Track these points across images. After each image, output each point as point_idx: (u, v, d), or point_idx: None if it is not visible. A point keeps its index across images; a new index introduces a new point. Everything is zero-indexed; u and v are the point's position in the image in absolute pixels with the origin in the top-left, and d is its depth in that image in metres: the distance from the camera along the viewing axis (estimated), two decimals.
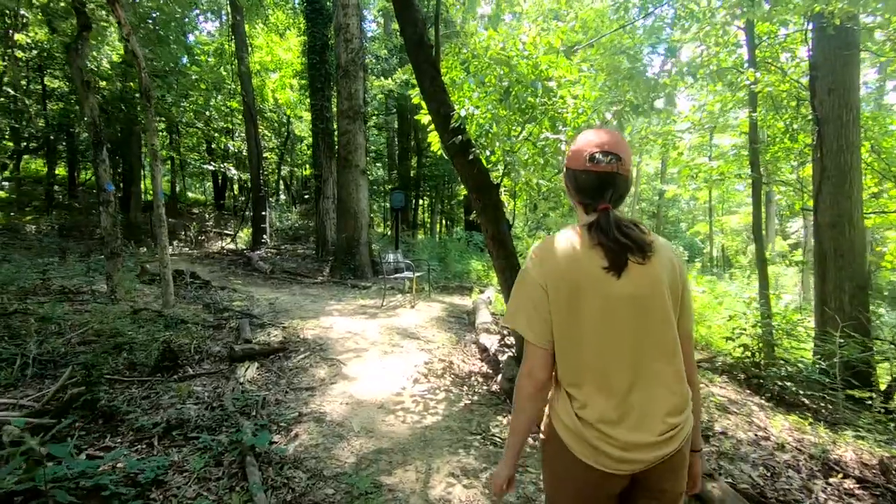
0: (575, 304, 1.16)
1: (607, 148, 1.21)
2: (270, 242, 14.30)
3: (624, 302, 1.15)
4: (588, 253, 1.18)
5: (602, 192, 1.21)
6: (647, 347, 1.17)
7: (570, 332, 1.18)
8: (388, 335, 5.49)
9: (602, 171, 1.20)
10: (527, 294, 1.23)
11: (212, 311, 6.00)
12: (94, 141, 6.34)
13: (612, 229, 1.17)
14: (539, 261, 1.23)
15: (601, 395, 1.16)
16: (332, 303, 7.21)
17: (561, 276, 1.18)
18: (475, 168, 4.25)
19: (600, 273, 1.16)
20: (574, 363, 1.19)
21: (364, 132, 10.04)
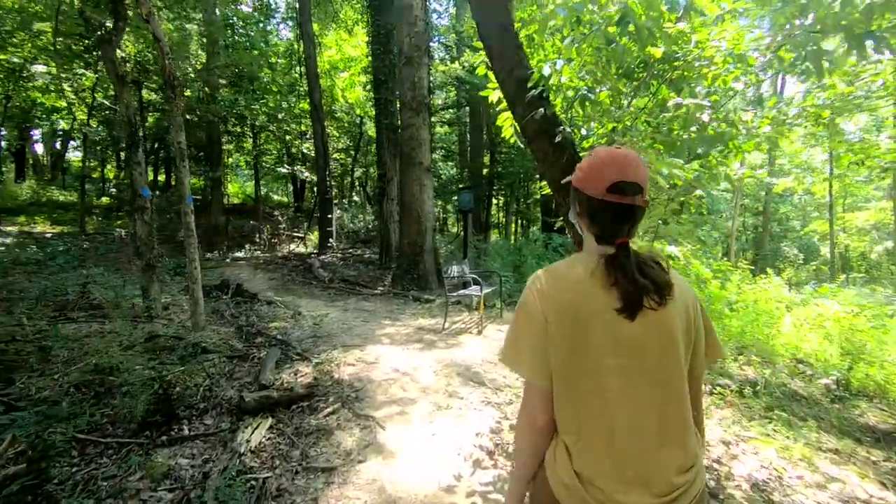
0: (580, 343, 1.02)
1: (631, 178, 1.05)
2: (339, 245, 13.61)
3: (635, 347, 1.02)
4: (599, 289, 1.04)
5: (620, 226, 1.08)
6: (656, 398, 1.02)
7: (570, 375, 1.04)
8: (444, 377, 4.17)
9: (623, 204, 1.06)
10: (526, 330, 1.09)
11: (243, 335, 5.04)
12: (128, 141, 5.63)
13: (633, 269, 1.03)
14: (541, 291, 1.08)
15: (603, 448, 1.01)
16: (385, 323, 6.04)
17: (566, 310, 1.04)
18: (564, 155, 2.81)
19: (611, 313, 1.02)
20: (573, 410, 1.04)
21: (429, 126, 8.83)
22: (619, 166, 1.07)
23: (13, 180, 18.45)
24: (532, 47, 3.68)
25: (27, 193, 17.21)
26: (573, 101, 2.81)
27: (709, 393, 4.31)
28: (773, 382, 4.65)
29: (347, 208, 18.81)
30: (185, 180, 4.97)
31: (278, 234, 15.74)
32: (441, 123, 15.57)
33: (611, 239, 1.08)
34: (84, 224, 13.80)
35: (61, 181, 20.20)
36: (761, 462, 3.19)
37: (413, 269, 8.55)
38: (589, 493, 1.01)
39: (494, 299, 6.97)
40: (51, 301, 5.83)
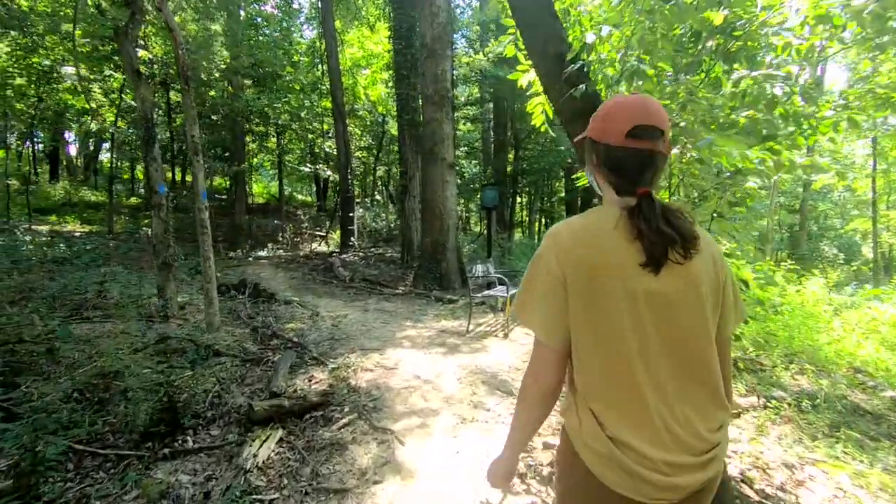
0: (602, 300, 0.94)
1: (652, 121, 0.98)
2: (360, 244, 13.42)
3: (661, 303, 0.94)
4: (621, 242, 0.96)
5: (641, 173, 1.00)
6: (685, 356, 0.96)
7: (593, 335, 0.96)
8: (469, 385, 3.83)
9: (643, 150, 0.98)
10: (540, 283, 1.00)
11: (258, 336, 4.80)
12: (144, 137, 5.47)
13: (658, 218, 0.95)
14: (558, 245, 0.99)
15: (635, 410, 0.94)
16: (406, 325, 5.73)
17: (585, 265, 0.95)
18: None
19: (635, 268, 0.94)
20: (599, 372, 0.97)
21: (451, 120, 8.49)
22: (637, 110, 0.99)
23: (47, 181, 18.90)
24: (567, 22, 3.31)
25: (60, 194, 17.58)
26: (620, 77, 2.43)
27: (763, 406, 3.87)
28: (832, 395, 4.17)
29: (369, 207, 18.63)
30: (198, 176, 4.76)
31: (301, 233, 15.65)
32: (464, 121, 15.20)
33: (632, 189, 1.00)
34: (112, 223, 13.95)
35: (93, 182, 20.64)
36: (834, 492, 2.77)
37: (435, 268, 8.24)
38: (627, 456, 0.94)
39: None
40: (68, 300, 5.72)
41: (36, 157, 19.98)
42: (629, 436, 0.94)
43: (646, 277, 0.94)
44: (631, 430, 0.94)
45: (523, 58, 3.50)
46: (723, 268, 1.04)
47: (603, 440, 0.95)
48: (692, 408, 0.97)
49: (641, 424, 0.94)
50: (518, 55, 3.49)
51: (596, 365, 0.97)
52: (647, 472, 0.92)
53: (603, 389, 0.97)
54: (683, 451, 0.94)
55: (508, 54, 3.54)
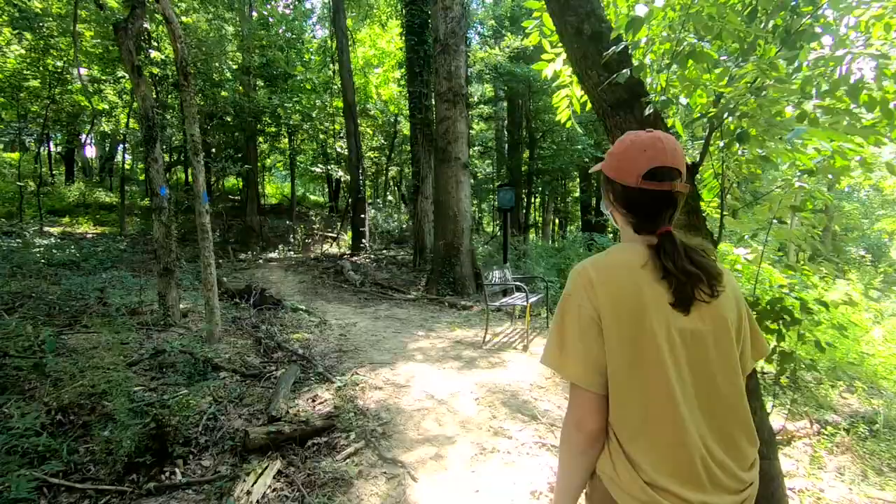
0: (638, 340, 0.92)
1: (668, 162, 0.97)
2: (372, 246, 13.11)
3: (693, 341, 0.93)
4: (652, 281, 0.94)
5: (660, 213, 0.99)
6: (718, 394, 0.95)
7: (631, 375, 0.92)
8: (488, 407, 3.46)
9: (662, 192, 0.97)
10: (573, 325, 0.96)
11: (261, 348, 4.48)
12: (145, 136, 5.19)
13: (682, 257, 0.95)
14: (589, 284, 0.96)
15: (673, 452, 0.91)
16: (419, 334, 5.38)
17: (620, 304, 0.93)
18: None
19: (666, 306, 0.93)
20: (638, 414, 0.93)
21: (466, 118, 8.13)
22: (653, 151, 0.97)
23: (63, 183, 18.93)
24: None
25: (75, 195, 17.57)
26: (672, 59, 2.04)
27: (816, 433, 3.45)
28: (891, 417, 3.72)
29: (381, 208, 18.35)
30: (199, 177, 4.46)
31: (312, 234, 15.41)
32: (477, 119, 14.81)
33: (651, 228, 0.99)
34: (124, 225, 13.84)
35: (109, 183, 20.65)
36: None
37: (449, 271, 7.88)
38: (662, 497, 0.90)
39: (539, 308, 6.21)
40: (67, 307, 5.47)
41: (52, 158, 20.05)
42: (667, 480, 0.90)
43: (679, 315, 0.93)
44: (669, 474, 0.91)
45: (548, 46, 3.13)
46: (743, 302, 1.03)
47: (640, 486, 0.91)
48: (727, 447, 0.96)
49: (680, 466, 0.91)
50: (543, 43, 3.12)
51: (634, 406, 0.94)
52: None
53: (641, 432, 0.93)
54: (722, 491, 0.93)
55: (532, 42, 3.17)
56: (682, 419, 0.91)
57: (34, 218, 12.73)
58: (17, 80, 13.06)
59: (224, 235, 14.61)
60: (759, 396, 1.19)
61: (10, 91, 12.95)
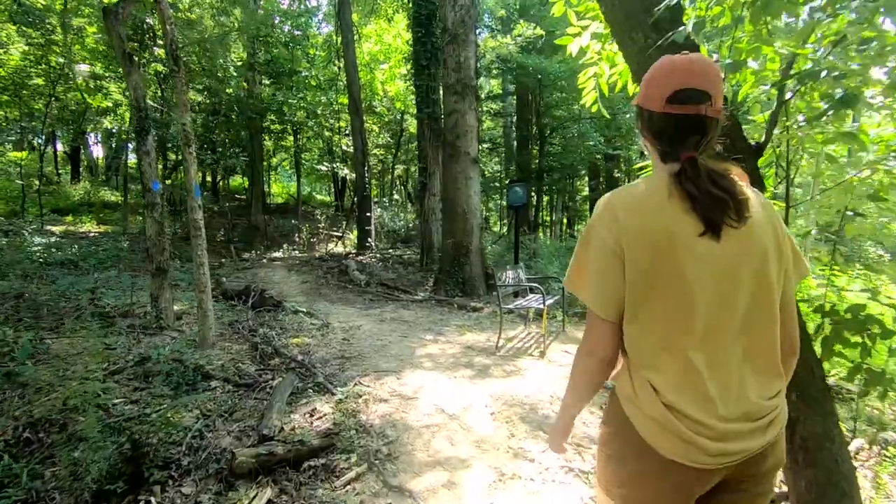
0: (663, 272, 0.90)
1: (695, 84, 0.92)
2: (379, 245, 12.76)
3: (725, 270, 0.90)
4: (678, 212, 0.91)
5: (684, 139, 0.94)
6: (749, 324, 0.93)
7: (652, 306, 0.92)
8: (505, 423, 3.09)
9: (686, 115, 0.92)
10: (594, 255, 0.96)
11: (258, 354, 4.13)
12: (137, 127, 4.87)
13: (703, 179, 0.90)
14: (612, 215, 0.94)
15: (694, 379, 0.91)
16: (427, 338, 5.01)
17: (643, 235, 0.91)
18: None
19: (695, 238, 0.90)
20: (659, 342, 0.93)
21: (476, 111, 7.75)
22: (680, 73, 0.94)
23: (69, 181, 18.76)
24: None
25: (80, 194, 17.38)
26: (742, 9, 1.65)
27: (877, 454, 3.05)
28: None
29: (388, 206, 18.00)
30: (190, 170, 4.12)
31: (317, 233, 15.10)
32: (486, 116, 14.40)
33: (676, 155, 0.95)
34: (127, 224, 13.58)
35: (115, 182, 20.46)
36: None
37: (457, 271, 7.51)
38: (683, 423, 0.90)
39: (555, 310, 5.81)
40: (57, 309, 5.16)
41: (58, 157, 19.90)
42: (685, 403, 0.91)
43: (708, 245, 0.90)
44: (688, 398, 0.91)
45: (574, 18, 2.77)
46: (781, 226, 0.99)
47: (659, 407, 0.92)
48: (751, 375, 0.94)
49: (698, 391, 0.91)
50: (569, 15, 2.77)
51: (656, 335, 0.93)
52: (701, 438, 0.89)
53: (661, 359, 0.93)
54: (739, 417, 0.91)
55: (557, 13, 2.81)
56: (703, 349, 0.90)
57: (37, 216, 12.49)
58: (21, 77, 12.85)
59: (228, 235, 14.32)
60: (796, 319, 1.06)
61: (12, 89, 12.72)
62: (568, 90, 12.05)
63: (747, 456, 0.92)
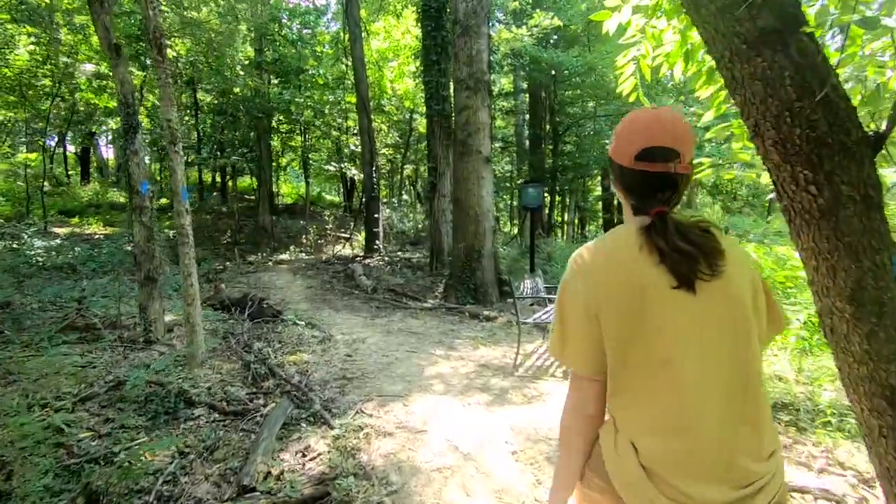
0: (639, 327, 0.87)
1: (663, 142, 0.91)
2: (387, 247, 12.34)
3: (702, 323, 0.87)
4: (651, 265, 0.88)
5: (652, 195, 0.93)
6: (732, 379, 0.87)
7: (632, 363, 0.88)
8: (529, 465, 2.62)
9: (654, 173, 0.92)
10: (571, 314, 0.94)
11: (250, 375, 3.71)
12: (125, 124, 4.48)
13: (671, 234, 0.88)
14: (586, 270, 0.93)
15: (674, 439, 0.86)
16: (437, 353, 4.57)
17: (618, 292, 0.88)
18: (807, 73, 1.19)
19: (667, 286, 0.86)
20: (636, 399, 0.89)
21: (488, 107, 7.28)
22: (648, 130, 0.92)
23: (78, 183, 18.61)
24: None
25: (89, 195, 17.20)
26: None
27: None
28: None
29: (396, 207, 17.59)
30: (177, 170, 3.71)
31: (325, 234, 14.72)
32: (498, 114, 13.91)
33: (645, 210, 0.93)
34: (132, 226, 13.32)
35: (124, 183, 20.30)
36: None
37: (469, 277, 7.05)
38: (659, 489, 0.85)
39: None
40: (42, 320, 4.80)
41: (67, 159, 19.77)
42: (663, 466, 0.86)
43: (686, 298, 0.86)
44: (666, 461, 0.86)
45: None
46: (758, 276, 0.95)
47: (637, 470, 0.87)
48: (743, 436, 0.87)
49: (679, 455, 0.85)
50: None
51: (634, 393, 0.89)
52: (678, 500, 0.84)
53: (642, 417, 0.89)
54: (723, 483, 0.84)
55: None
56: (685, 412, 0.86)
57: (42, 218, 12.25)
58: (28, 77, 12.64)
59: (235, 236, 14.01)
60: None
61: (18, 90, 12.50)
62: (583, 86, 11.53)
63: None
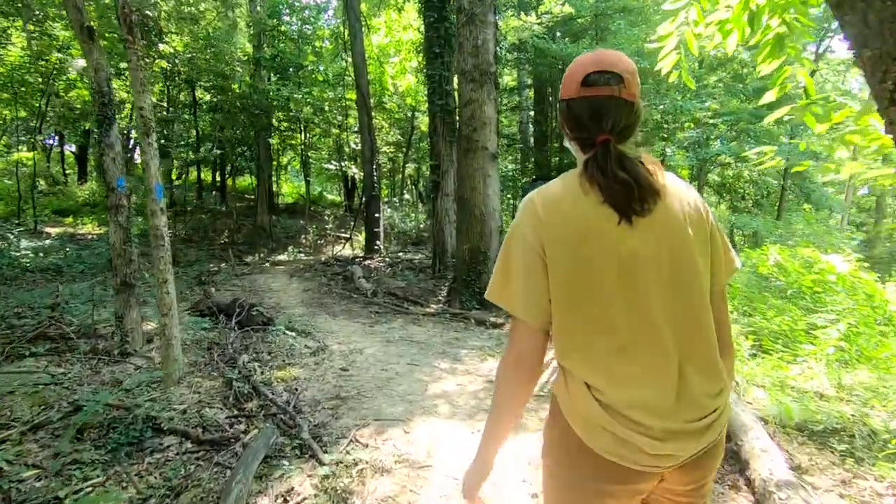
0: (583, 268, 0.88)
1: (606, 66, 0.91)
2: (388, 248, 11.90)
3: (645, 259, 0.87)
4: (597, 205, 0.88)
5: (599, 121, 0.91)
6: (678, 315, 0.88)
7: (578, 303, 0.88)
8: None
9: (598, 96, 0.91)
10: (517, 258, 0.93)
11: (233, 394, 3.28)
12: (99, 116, 4.06)
13: (611, 163, 0.87)
14: (532, 216, 0.92)
15: (626, 375, 0.87)
16: (442, 366, 4.14)
17: (562, 232, 0.89)
18: None
19: (610, 225, 0.87)
20: (586, 340, 0.89)
21: (495, 101, 6.84)
22: (590, 60, 0.93)
23: (76, 181, 18.21)
24: None
25: (86, 194, 16.81)
26: None
27: None
28: None
29: (398, 206, 17.16)
30: (150, 165, 3.28)
31: (325, 234, 14.30)
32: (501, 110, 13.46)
33: (592, 140, 0.92)
34: None
35: None
36: None
37: (474, 280, 6.61)
38: (621, 423, 0.86)
39: None
40: (14, 328, 4.38)
41: (65, 157, 19.40)
42: (623, 403, 0.87)
43: (627, 236, 0.86)
44: (623, 397, 0.87)
45: None
46: (709, 214, 0.95)
47: (593, 405, 0.88)
48: (690, 370, 0.88)
49: (636, 391, 0.86)
50: None
51: (585, 337, 0.89)
52: (639, 438, 0.85)
53: (593, 360, 0.89)
54: (680, 417, 0.87)
55: None
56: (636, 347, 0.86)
57: (36, 218, 11.85)
58: (21, 73, 12.25)
59: (232, 236, 13.60)
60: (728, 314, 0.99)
61: (11, 87, 12.11)
62: None
63: (688, 459, 0.88)
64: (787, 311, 5.20)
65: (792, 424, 3.08)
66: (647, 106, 10.94)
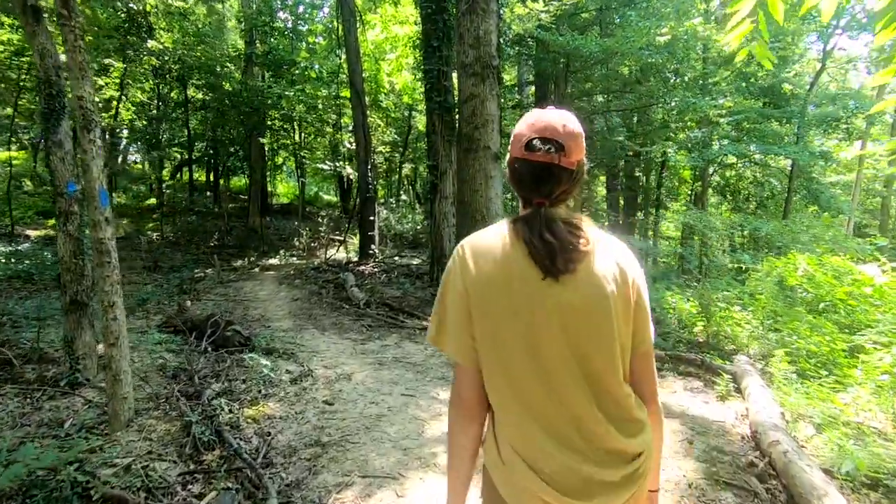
0: (502, 315, 0.89)
1: (548, 134, 0.92)
2: (383, 251, 11.33)
3: (563, 314, 0.88)
4: (517, 253, 0.91)
5: (538, 185, 0.93)
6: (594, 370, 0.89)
7: (496, 354, 0.90)
8: None
9: (538, 162, 0.92)
10: (449, 301, 0.95)
11: (191, 440, 2.71)
12: (45, 109, 3.48)
13: (540, 226, 0.90)
14: (462, 261, 0.94)
15: (536, 425, 0.89)
16: (440, 395, 3.58)
17: (486, 280, 0.91)
18: None
19: (538, 281, 0.88)
20: (502, 390, 0.91)
21: (498, 97, 6.30)
22: (537, 123, 0.94)
23: None
24: None
25: None
26: None
27: None
28: None
29: (395, 208, 16.58)
30: (92, 166, 2.71)
31: (318, 237, 13.71)
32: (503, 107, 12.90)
33: (531, 201, 0.95)
34: None
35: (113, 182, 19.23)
36: None
37: None
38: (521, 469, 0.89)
39: None
40: None
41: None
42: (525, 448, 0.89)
43: (550, 289, 0.88)
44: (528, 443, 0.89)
45: None
46: (634, 281, 0.94)
47: (506, 447, 0.91)
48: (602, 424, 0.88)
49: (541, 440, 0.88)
50: None
51: (496, 382, 0.91)
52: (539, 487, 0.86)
53: (506, 408, 0.91)
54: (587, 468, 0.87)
55: None
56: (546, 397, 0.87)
57: (13, 220, 11.22)
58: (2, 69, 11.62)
59: (223, 239, 13.00)
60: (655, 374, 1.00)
61: None
62: (593, 79, 10.55)
63: None
64: (821, 327, 4.67)
65: (860, 478, 2.55)
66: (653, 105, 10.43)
